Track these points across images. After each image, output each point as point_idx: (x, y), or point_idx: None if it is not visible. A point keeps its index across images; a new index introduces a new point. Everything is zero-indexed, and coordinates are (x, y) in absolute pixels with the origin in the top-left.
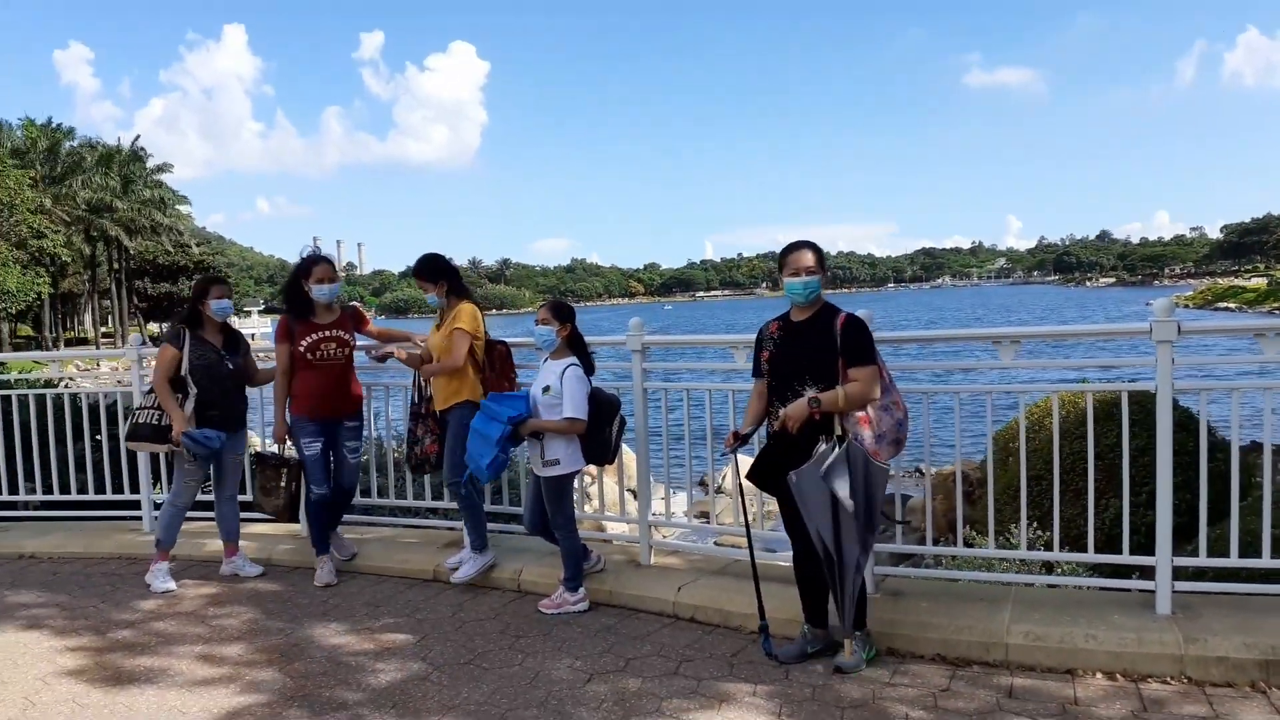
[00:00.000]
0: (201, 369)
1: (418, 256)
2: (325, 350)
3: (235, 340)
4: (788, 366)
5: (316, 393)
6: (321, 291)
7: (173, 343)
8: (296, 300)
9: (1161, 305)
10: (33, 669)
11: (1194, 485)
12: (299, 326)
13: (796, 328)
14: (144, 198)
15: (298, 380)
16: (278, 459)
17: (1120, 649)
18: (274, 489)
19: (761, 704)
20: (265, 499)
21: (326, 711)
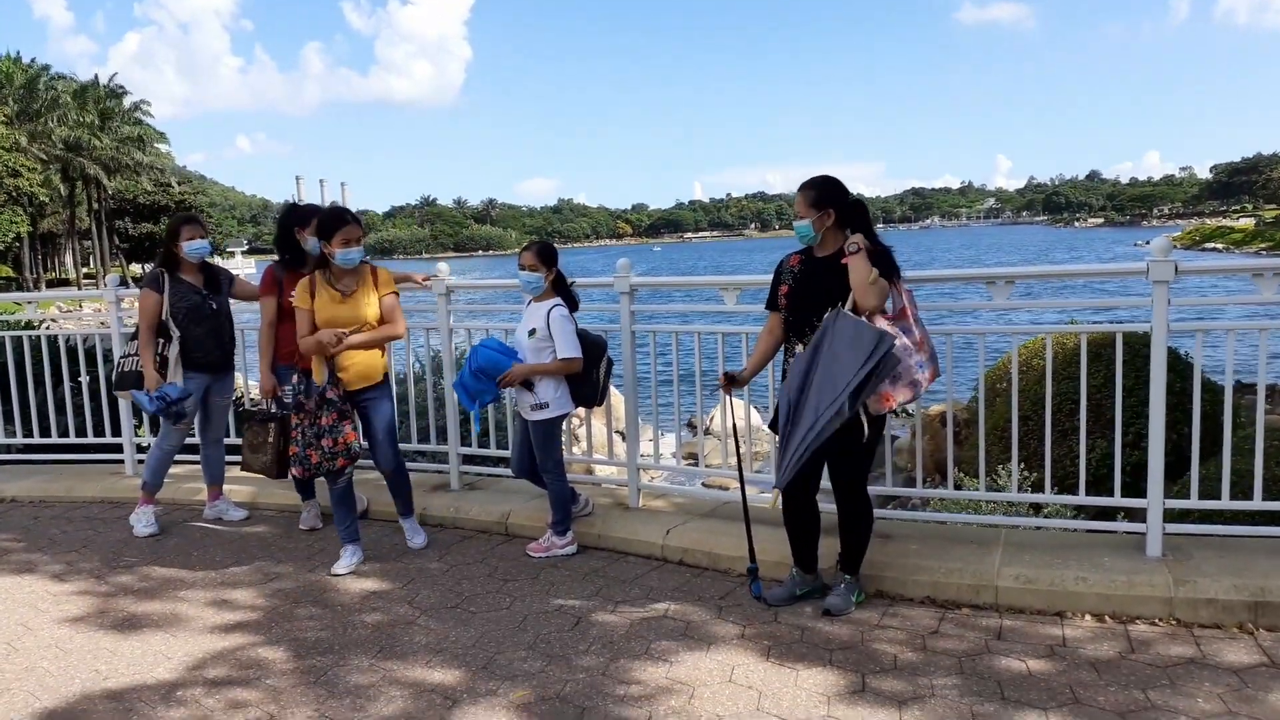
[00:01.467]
0: (184, 311)
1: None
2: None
3: (216, 279)
4: (808, 300)
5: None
6: (317, 245)
7: (152, 287)
8: (289, 250)
9: (1159, 245)
10: (14, 614)
11: (1181, 427)
12: (287, 277)
13: (817, 263)
14: (122, 135)
15: (282, 331)
16: (264, 414)
17: (1110, 591)
18: (261, 445)
19: (750, 646)
20: (253, 456)
21: (313, 655)
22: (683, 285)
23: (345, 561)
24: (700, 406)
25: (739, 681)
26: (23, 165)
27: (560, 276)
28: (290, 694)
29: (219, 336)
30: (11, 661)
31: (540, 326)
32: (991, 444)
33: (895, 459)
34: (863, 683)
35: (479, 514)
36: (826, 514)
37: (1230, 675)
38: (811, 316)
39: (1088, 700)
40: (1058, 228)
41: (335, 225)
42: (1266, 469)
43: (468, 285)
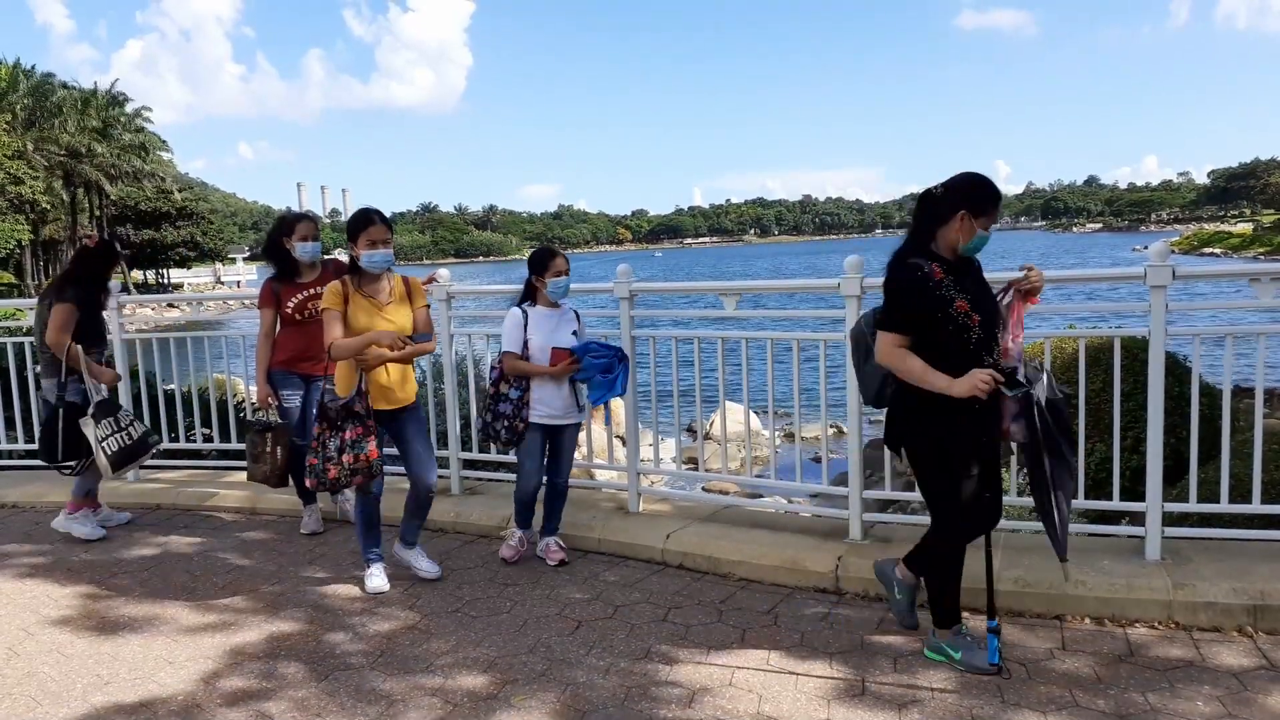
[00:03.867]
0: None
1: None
2: (312, 308)
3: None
4: (990, 315)
5: (299, 347)
6: (306, 249)
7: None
8: (278, 260)
9: (1157, 250)
10: (16, 619)
11: (1179, 431)
12: (283, 288)
13: (967, 270)
14: (124, 142)
15: (280, 336)
16: (263, 424)
17: (1109, 594)
18: (261, 454)
19: (750, 649)
20: (254, 466)
21: (313, 660)
22: (683, 290)
23: (381, 580)
24: (700, 411)
25: (739, 684)
26: (25, 172)
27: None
28: (290, 698)
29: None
30: (12, 666)
31: (578, 328)
32: None
33: (895, 464)
34: (863, 685)
35: (480, 519)
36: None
37: (1229, 678)
38: (995, 331)
39: (1087, 703)
40: (1056, 233)
41: (361, 225)
42: (1265, 472)
43: (469, 291)
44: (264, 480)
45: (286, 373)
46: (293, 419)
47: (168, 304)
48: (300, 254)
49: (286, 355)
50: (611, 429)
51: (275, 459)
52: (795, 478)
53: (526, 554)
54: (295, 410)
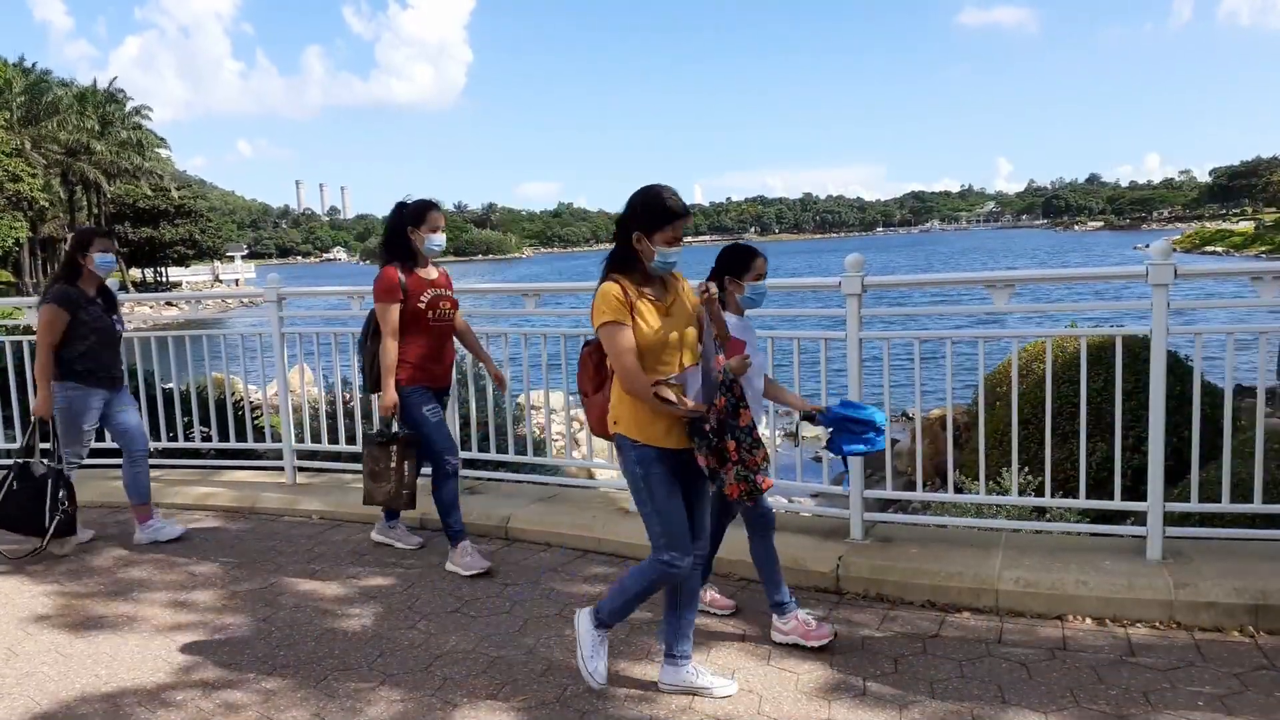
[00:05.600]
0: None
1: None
2: (442, 309)
3: (113, 299)
4: None
5: (430, 356)
6: (436, 243)
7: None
8: (402, 251)
9: (1159, 248)
10: (14, 618)
11: (1181, 430)
12: (410, 280)
13: None
14: (122, 140)
15: (406, 343)
16: (385, 435)
17: (1111, 594)
18: (385, 471)
19: (751, 648)
20: (374, 485)
21: (313, 660)
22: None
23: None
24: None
25: (740, 684)
26: (23, 170)
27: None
28: (289, 698)
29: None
30: (12, 666)
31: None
32: (991, 448)
33: (895, 463)
34: (863, 686)
35: (479, 518)
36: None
37: (1230, 679)
38: None
39: (1088, 703)
40: (1058, 231)
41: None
42: (1266, 472)
43: (469, 290)
44: (388, 502)
45: (422, 386)
46: (445, 432)
47: (166, 302)
48: (430, 247)
49: (418, 368)
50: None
51: (402, 475)
52: (796, 477)
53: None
54: (444, 422)
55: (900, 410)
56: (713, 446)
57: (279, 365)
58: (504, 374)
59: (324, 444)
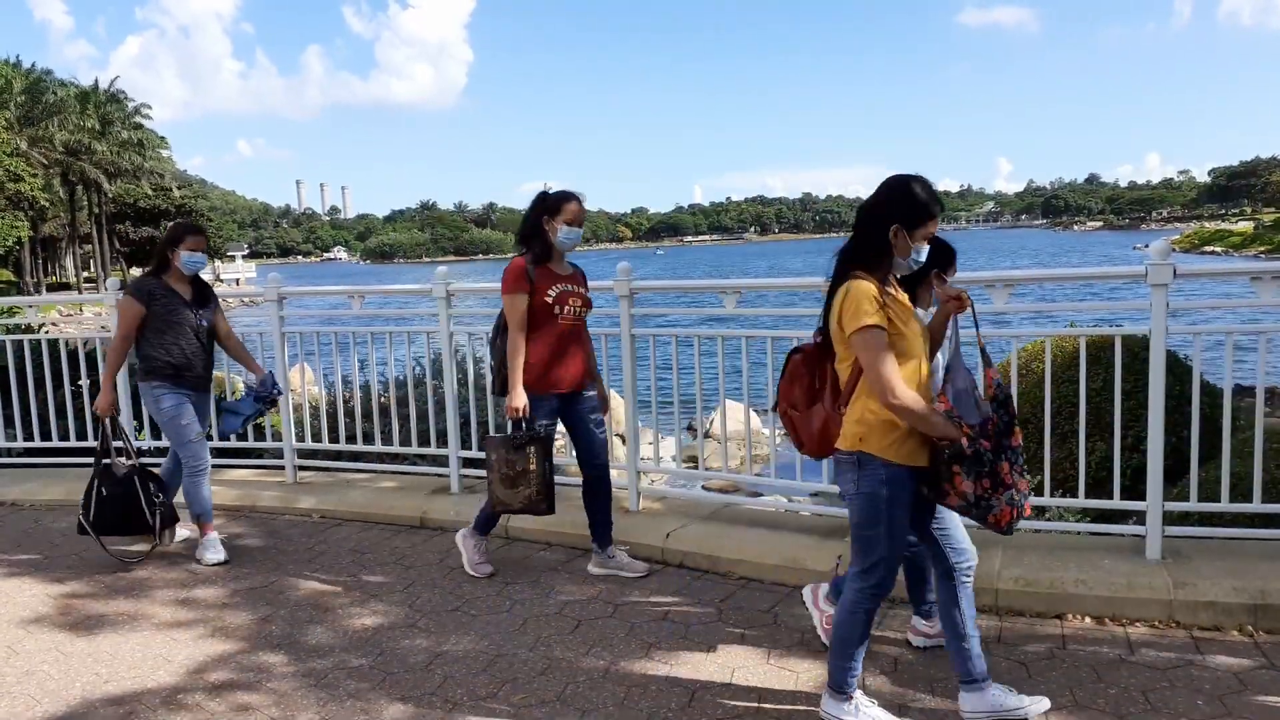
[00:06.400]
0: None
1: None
2: (572, 307)
3: (206, 296)
4: None
5: (558, 359)
6: (571, 236)
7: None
8: (537, 242)
9: (1158, 248)
10: (15, 617)
11: (1180, 430)
12: (539, 272)
13: None
14: (122, 139)
15: (531, 341)
16: (522, 435)
17: (1110, 593)
18: (523, 475)
19: (751, 648)
20: (509, 492)
21: (311, 659)
22: (683, 289)
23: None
24: (700, 410)
25: (740, 683)
26: (24, 170)
27: None
28: (290, 697)
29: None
30: (12, 665)
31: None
32: None
33: None
34: (864, 685)
35: None
36: None
37: (1230, 678)
38: None
39: (1087, 702)
40: (1057, 231)
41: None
42: (1265, 471)
43: (469, 289)
44: (529, 505)
45: (543, 393)
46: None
47: None
48: (564, 240)
49: (543, 372)
50: (611, 427)
51: (543, 477)
52: (795, 476)
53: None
54: (551, 439)
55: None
56: (985, 470)
57: (279, 365)
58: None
59: (324, 443)
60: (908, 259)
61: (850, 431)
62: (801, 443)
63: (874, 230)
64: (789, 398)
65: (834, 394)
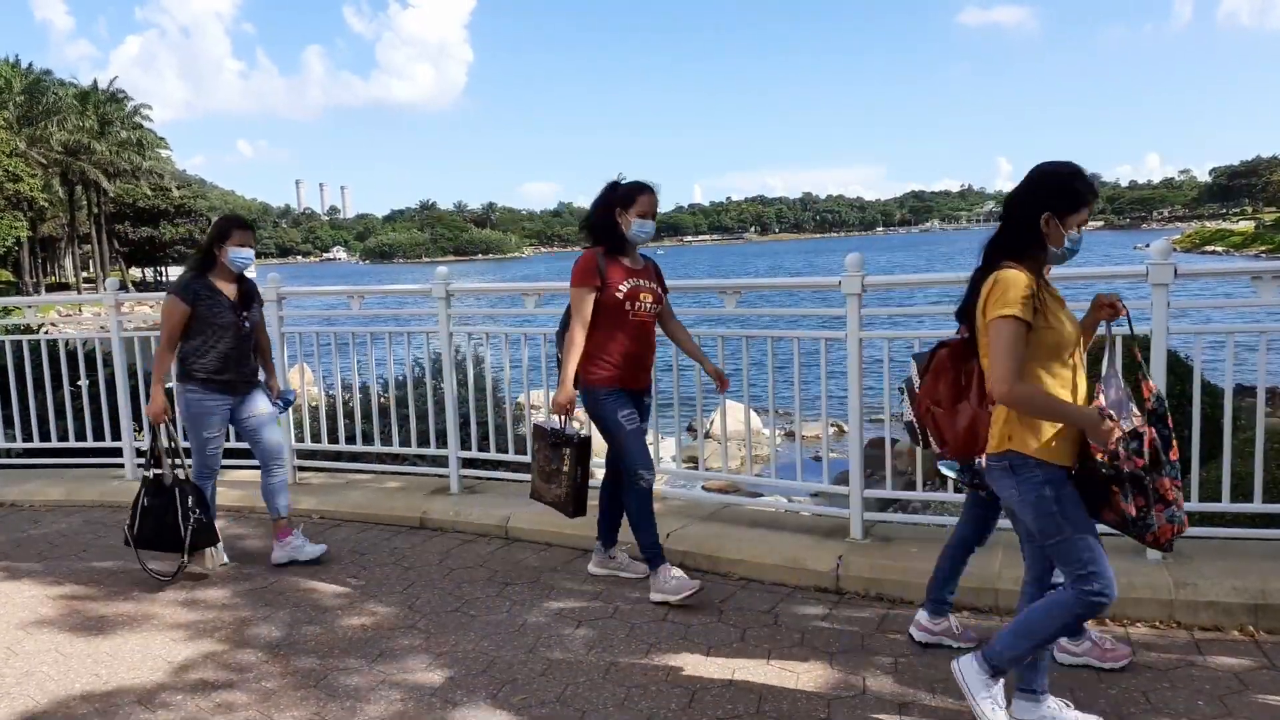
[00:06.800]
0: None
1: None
2: (644, 303)
3: (251, 295)
4: None
5: (631, 354)
6: (645, 229)
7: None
8: (607, 235)
9: (1159, 248)
10: (14, 618)
11: (1181, 430)
12: (610, 266)
13: None
14: (122, 139)
15: (603, 338)
16: (558, 435)
17: None
18: (558, 474)
19: (751, 648)
20: (545, 485)
21: (310, 659)
22: (683, 289)
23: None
24: (700, 410)
25: (740, 684)
26: (23, 170)
27: None
28: (288, 696)
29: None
30: (11, 666)
31: None
32: None
33: (895, 462)
34: (864, 685)
35: (479, 518)
36: None
37: (1230, 678)
38: None
39: (1087, 703)
40: None
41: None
42: (1266, 471)
43: (469, 289)
44: (557, 504)
45: (617, 389)
46: (641, 443)
47: None
48: (637, 233)
49: (616, 367)
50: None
51: (574, 481)
52: (796, 477)
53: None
54: (641, 430)
55: (900, 410)
56: (1144, 486)
57: (279, 365)
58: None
59: (324, 444)
60: (1062, 248)
61: (997, 432)
62: (945, 443)
63: (1024, 220)
64: (932, 394)
65: (980, 391)
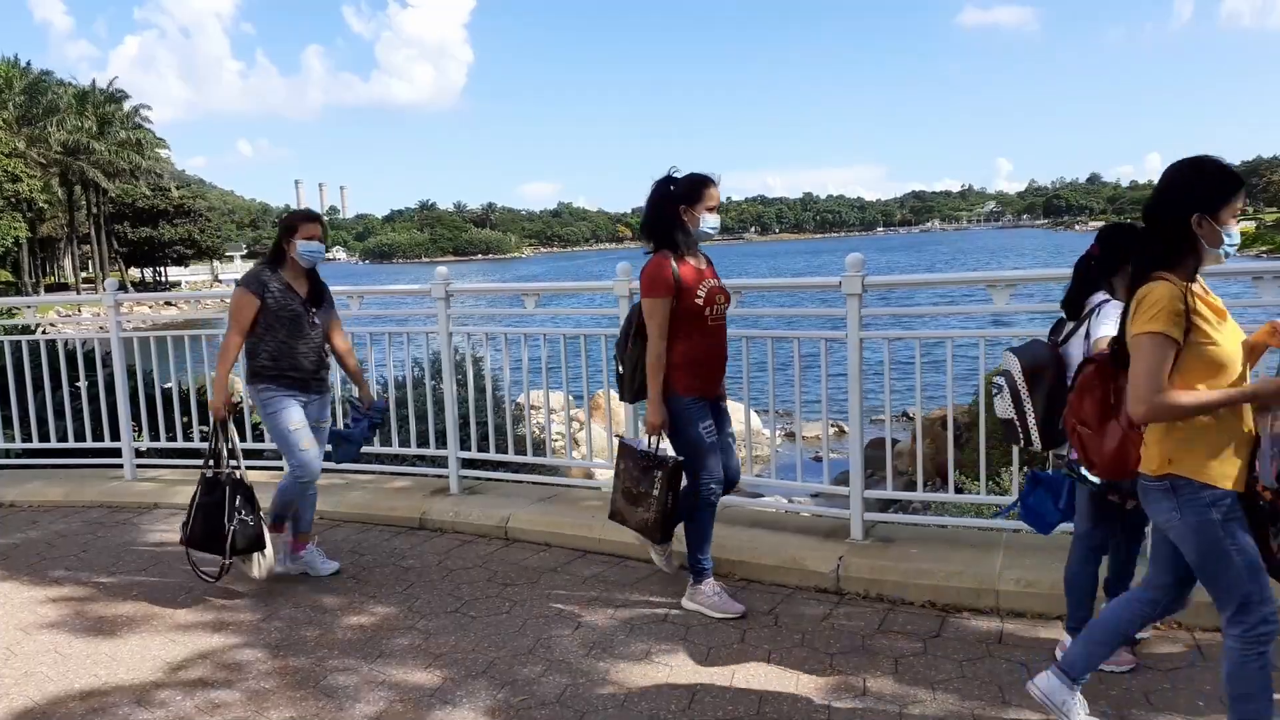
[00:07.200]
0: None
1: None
2: (719, 305)
3: (322, 291)
4: None
5: (709, 361)
6: (714, 224)
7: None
8: (671, 235)
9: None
10: (13, 619)
11: None
12: (683, 271)
13: None
14: (121, 139)
15: (682, 346)
16: (651, 457)
17: None
18: (647, 497)
19: (751, 649)
20: (632, 509)
21: (310, 660)
22: None
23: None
24: None
25: (740, 685)
26: (22, 170)
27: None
28: (287, 696)
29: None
30: (10, 666)
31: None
32: (992, 447)
33: (895, 463)
34: (863, 686)
35: (479, 518)
36: None
37: None
38: None
39: (1088, 704)
40: (1058, 231)
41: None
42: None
43: (468, 290)
44: (643, 528)
45: (697, 399)
46: (716, 454)
47: (165, 302)
48: (708, 229)
49: (695, 376)
50: (611, 428)
51: (664, 505)
52: (796, 477)
53: None
54: (718, 442)
55: (901, 410)
56: None
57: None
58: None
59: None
60: (1220, 247)
61: (1156, 453)
62: (1092, 463)
63: (1170, 223)
64: (1078, 413)
65: None
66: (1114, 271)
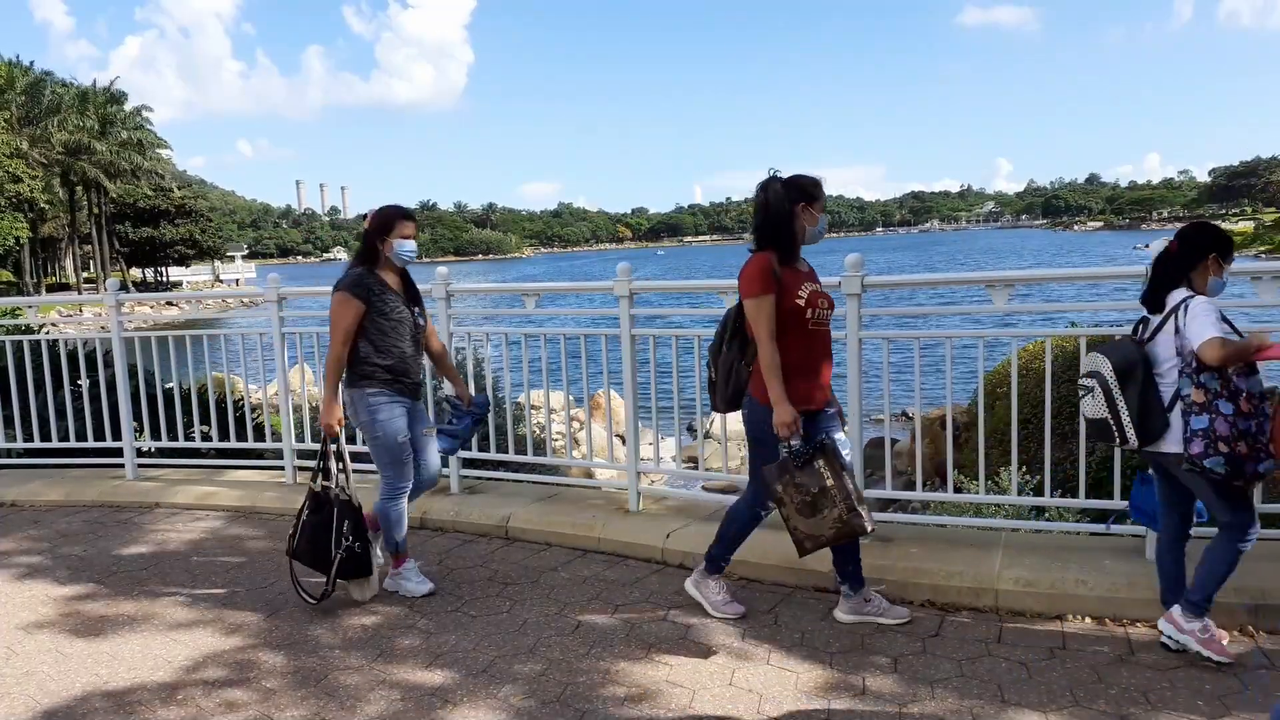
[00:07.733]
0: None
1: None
2: (822, 309)
3: (415, 291)
4: None
5: (807, 370)
6: (824, 225)
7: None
8: (780, 235)
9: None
10: (14, 618)
11: None
12: (785, 272)
13: None
14: (122, 140)
15: (783, 353)
16: (801, 453)
17: (1110, 594)
18: (823, 495)
19: (750, 649)
20: (814, 520)
21: (310, 660)
22: (683, 289)
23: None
24: (700, 410)
25: (739, 684)
26: (23, 171)
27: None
28: (289, 696)
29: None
30: (11, 665)
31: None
32: (991, 447)
33: (895, 462)
34: (863, 685)
35: (479, 518)
36: None
37: (1230, 678)
38: None
39: (1087, 703)
40: (1057, 231)
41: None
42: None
43: (469, 290)
44: (840, 526)
45: (817, 413)
46: (773, 485)
47: (166, 302)
48: (820, 230)
49: (798, 387)
50: (611, 428)
51: (845, 491)
52: None
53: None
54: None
55: (900, 410)
56: None
57: (279, 365)
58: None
59: None
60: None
61: None
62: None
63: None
64: None
65: None
66: (1193, 267)
